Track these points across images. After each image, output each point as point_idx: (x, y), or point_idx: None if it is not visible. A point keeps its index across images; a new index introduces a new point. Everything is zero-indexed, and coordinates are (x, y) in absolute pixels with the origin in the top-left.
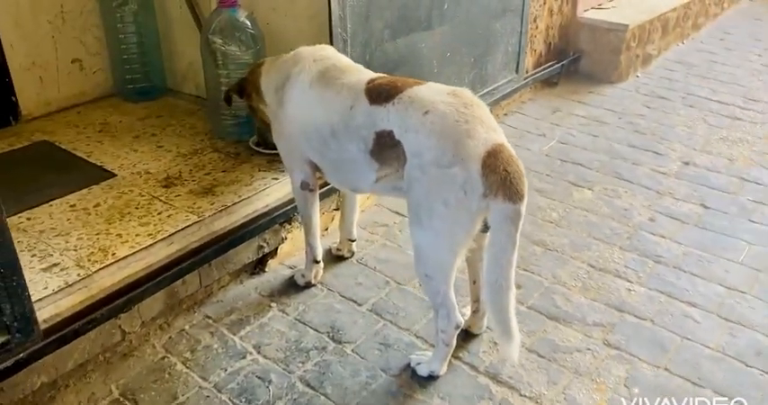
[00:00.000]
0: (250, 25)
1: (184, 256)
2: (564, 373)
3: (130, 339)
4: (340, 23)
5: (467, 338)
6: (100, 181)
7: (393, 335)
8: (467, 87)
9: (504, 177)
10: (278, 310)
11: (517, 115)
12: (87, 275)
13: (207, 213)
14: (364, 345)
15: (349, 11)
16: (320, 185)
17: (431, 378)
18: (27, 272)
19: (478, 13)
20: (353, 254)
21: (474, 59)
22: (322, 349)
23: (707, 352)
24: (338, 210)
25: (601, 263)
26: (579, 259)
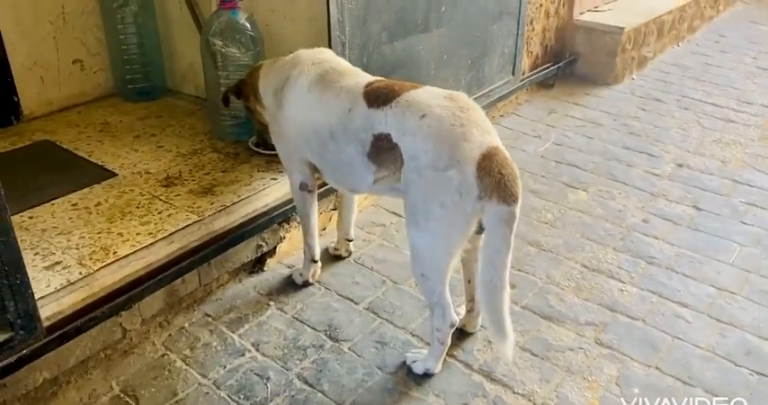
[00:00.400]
0: (250, 27)
1: (184, 255)
2: (556, 372)
3: (131, 337)
4: (338, 26)
5: (461, 337)
6: (101, 180)
7: (389, 333)
8: (463, 89)
9: (498, 180)
10: (276, 309)
11: (513, 117)
12: (89, 274)
13: (207, 213)
14: (361, 343)
15: (347, 14)
16: (318, 186)
17: (426, 376)
18: (30, 270)
19: (476, 16)
20: (351, 253)
21: (471, 62)
22: (319, 347)
23: (697, 352)
24: (336, 210)
25: (594, 263)
26: (573, 260)
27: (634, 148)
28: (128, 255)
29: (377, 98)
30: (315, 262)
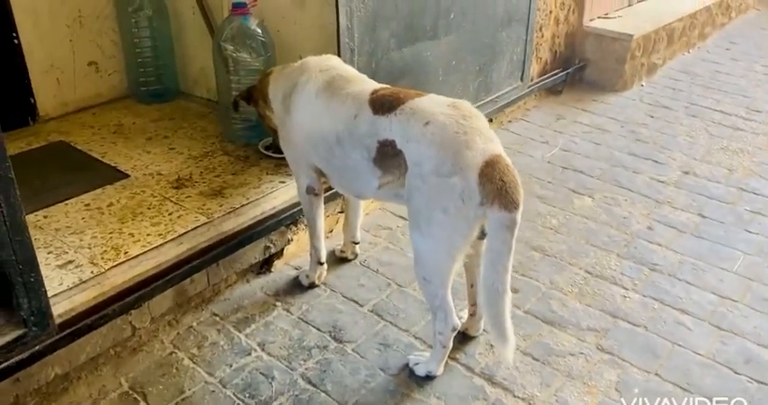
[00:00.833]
0: (261, 33)
1: (193, 256)
2: (557, 376)
3: (140, 335)
4: (347, 33)
5: (464, 341)
6: (114, 181)
7: (393, 335)
8: (471, 95)
9: (500, 187)
10: (282, 309)
11: (521, 122)
12: (100, 273)
13: (216, 214)
14: (364, 344)
15: (356, 21)
16: (325, 190)
17: (428, 378)
18: (43, 268)
19: (484, 23)
20: (357, 256)
21: (479, 68)
22: (324, 348)
23: (697, 358)
24: (343, 213)
25: (598, 269)
26: (577, 266)
27: (640, 155)
28: (138, 255)
29: (382, 105)
30: (321, 264)
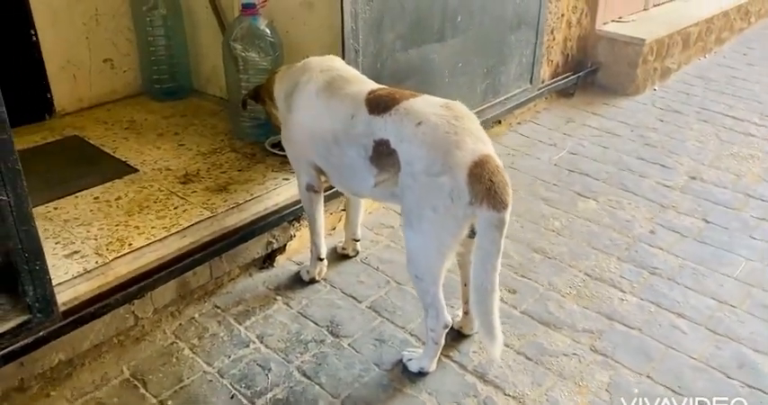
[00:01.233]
0: (269, 33)
1: (196, 249)
2: (548, 376)
3: (143, 324)
4: (352, 35)
5: (458, 338)
6: (123, 175)
7: (389, 331)
8: (479, 97)
9: (489, 187)
10: (283, 303)
11: (530, 124)
12: (105, 263)
13: (220, 209)
14: (361, 339)
15: (361, 23)
16: (326, 188)
17: (420, 374)
18: (50, 258)
19: (492, 26)
20: (358, 253)
21: (487, 70)
22: (320, 342)
23: (691, 362)
24: (345, 211)
25: (597, 272)
26: (576, 268)
27: (648, 159)
28: (142, 247)
29: (378, 105)
30: (321, 260)
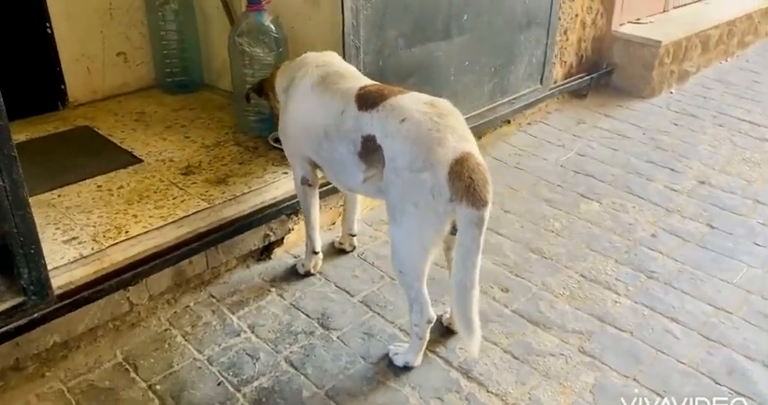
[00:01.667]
0: (274, 29)
1: (191, 239)
2: (533, 375)
3: (139, 311)
4: (352, 31)
5: (446, 335)
6: (127, 165)
7: (378, 326)
8: (486, 96)
9: (468, 184)
10: (276, 295)
11: (540, 125)
12: (101, 250)
13: (217, 201)
14: (350, 333)
15: (362, 20)
16: (325, 183)
17: (405, 368)
18: (49, 243)
19: (501, 25)
20: (355, 248)
21: (494, 69)
22: (310, 334)
23: (680, 367)
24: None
25: (593, 274)
26: (572, 269)
27: (657, 163)
28: (138, 235)
29: (366, 101)
30: (315, 253)
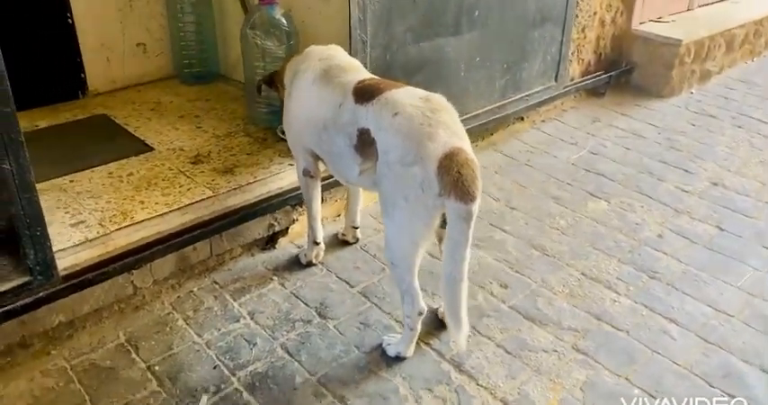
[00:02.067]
0: (285, 23)
1: (195, 226)
2: (525, 370)
3: (143, 294)
4: (359, 25)
5: (440, 328)
6: (139, 153)
7: (375, 317)
8: (498, 92)
9: (456, 179)
10: (278, 284)
11: (555, 122)
12: (105, 234)
13: (222, 190)
14: (346, 322)
15: (369, 14)
16: (329, 176)
17: (398, 359)
18: (57, 225)
19: (513, 22)
20: (358, 240)
21: (507, 66)
22: (307, 322)
23: (674, 368)
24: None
25: (594, 273)
26: (574, 267)
27: (671, 163)
28: (143, 220)
29: (363, 95)
30: (317, 244)
